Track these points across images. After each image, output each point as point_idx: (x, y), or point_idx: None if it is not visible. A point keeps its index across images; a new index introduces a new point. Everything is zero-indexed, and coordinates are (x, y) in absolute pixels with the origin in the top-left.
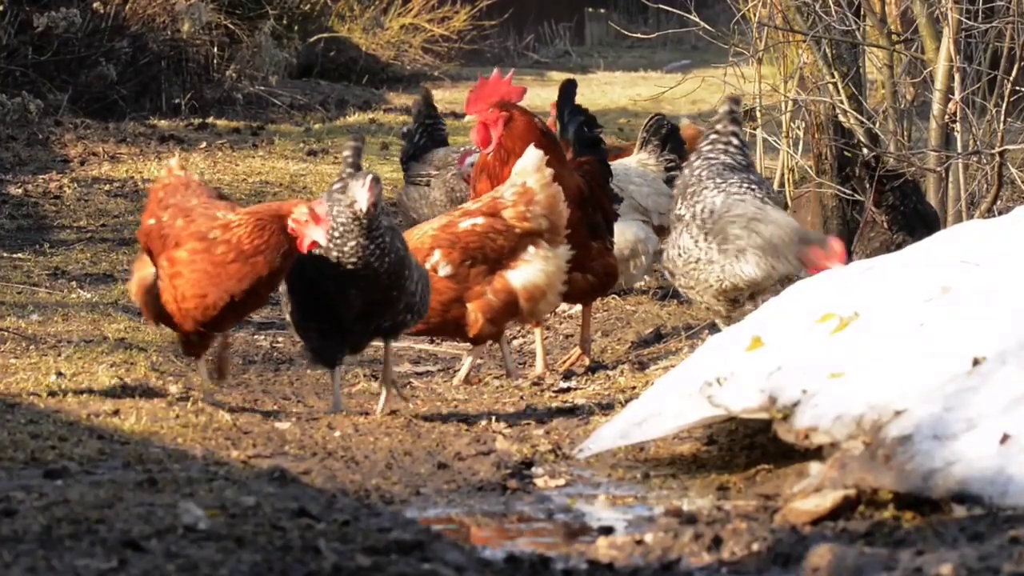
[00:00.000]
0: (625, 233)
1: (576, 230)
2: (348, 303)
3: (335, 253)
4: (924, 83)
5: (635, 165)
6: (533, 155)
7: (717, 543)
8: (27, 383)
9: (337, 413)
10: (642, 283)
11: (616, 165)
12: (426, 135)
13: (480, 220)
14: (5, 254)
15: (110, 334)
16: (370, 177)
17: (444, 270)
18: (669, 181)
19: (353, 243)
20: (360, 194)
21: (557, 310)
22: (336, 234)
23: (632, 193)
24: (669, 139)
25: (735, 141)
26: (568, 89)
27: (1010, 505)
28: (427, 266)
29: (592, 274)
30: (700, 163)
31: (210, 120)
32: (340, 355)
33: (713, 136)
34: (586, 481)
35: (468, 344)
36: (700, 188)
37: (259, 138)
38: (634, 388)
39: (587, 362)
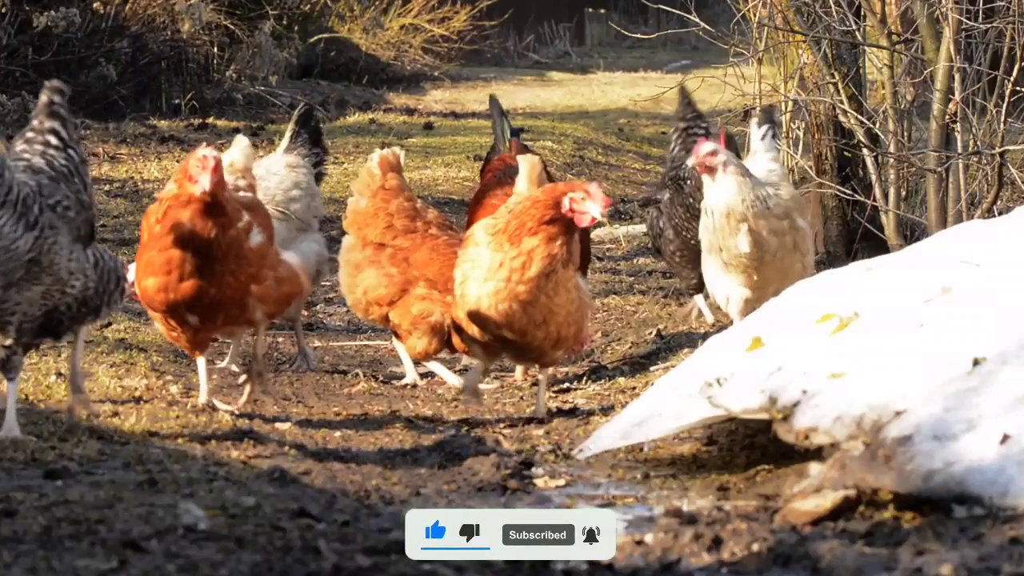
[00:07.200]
0: (308, 255)
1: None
2: None
3: None
4: (924, 83)
5: (284, 170)
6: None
7: (717, 543)
8: (27, 383)
9: None
10: None
11: (263, 171)
12: (680, 143)
13: None
14: None
15: (110, 334)
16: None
17: None
18: (319, 177)
19: None
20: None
21: None
22: None
23: (295, 212)
24: (319, 132)
25: None
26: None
27: (1010, 505)
28: None
29: None
30: None
31: (210, 120)
32: None
33: None
34: (586, 481)
35: None
36: None
37: (259, 138)
38: (634, 388)
39: None
